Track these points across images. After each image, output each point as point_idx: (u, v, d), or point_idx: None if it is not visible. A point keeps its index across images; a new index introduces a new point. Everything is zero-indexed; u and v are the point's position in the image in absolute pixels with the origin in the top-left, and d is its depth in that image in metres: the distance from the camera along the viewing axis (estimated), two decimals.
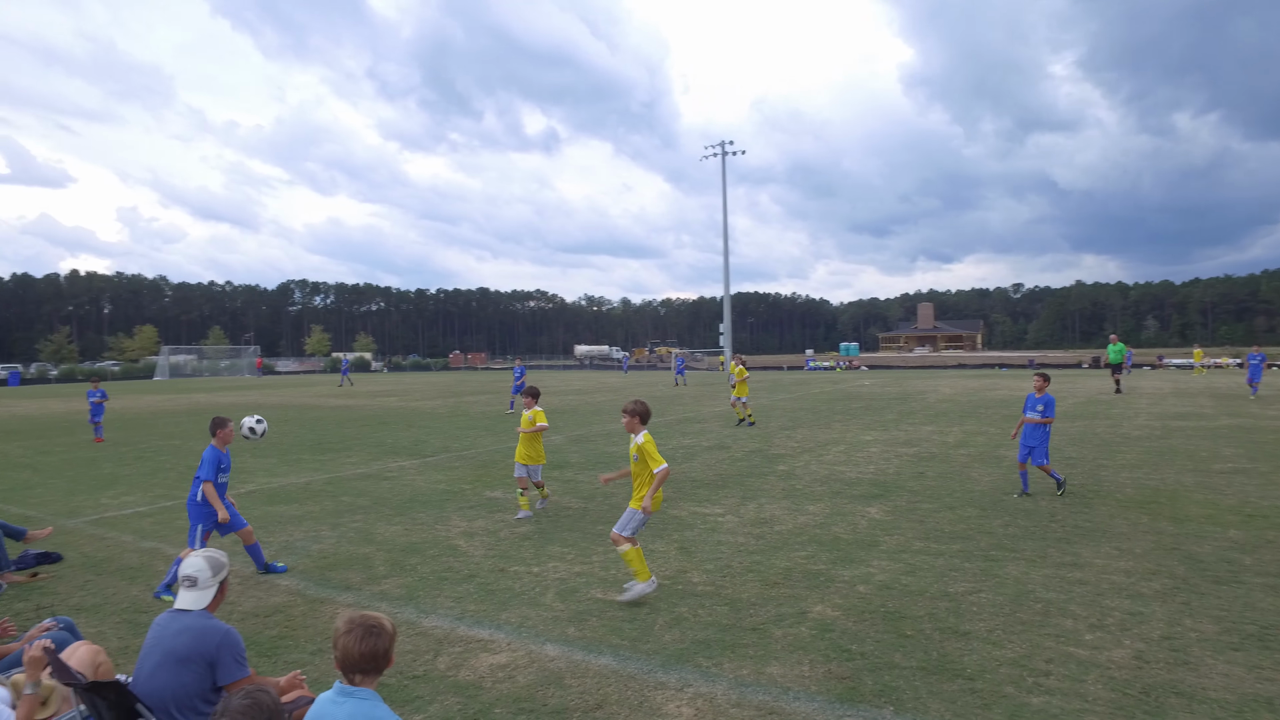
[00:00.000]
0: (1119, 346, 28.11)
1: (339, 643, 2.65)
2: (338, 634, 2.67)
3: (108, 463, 15.36)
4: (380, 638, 2.65)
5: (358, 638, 2.62)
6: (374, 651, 2.64)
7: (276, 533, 8.95)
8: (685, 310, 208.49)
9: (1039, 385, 10.38)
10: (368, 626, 2.65)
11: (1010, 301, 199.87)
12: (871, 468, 12.58)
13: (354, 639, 2.62)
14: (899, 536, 8.17)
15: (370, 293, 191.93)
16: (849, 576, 6.84)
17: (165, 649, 3.24)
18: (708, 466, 13.01)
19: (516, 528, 8.91)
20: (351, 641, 2.62)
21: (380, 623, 2.69)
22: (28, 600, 6.78)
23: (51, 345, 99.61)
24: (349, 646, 2.62)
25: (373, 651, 2.63)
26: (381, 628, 2.67)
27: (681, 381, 43.22)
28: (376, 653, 2.64)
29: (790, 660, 5.07)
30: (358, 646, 2.62)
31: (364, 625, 2.65)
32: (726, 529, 8.68)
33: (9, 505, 11.05)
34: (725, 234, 72.33)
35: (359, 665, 2.64)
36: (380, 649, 2.65)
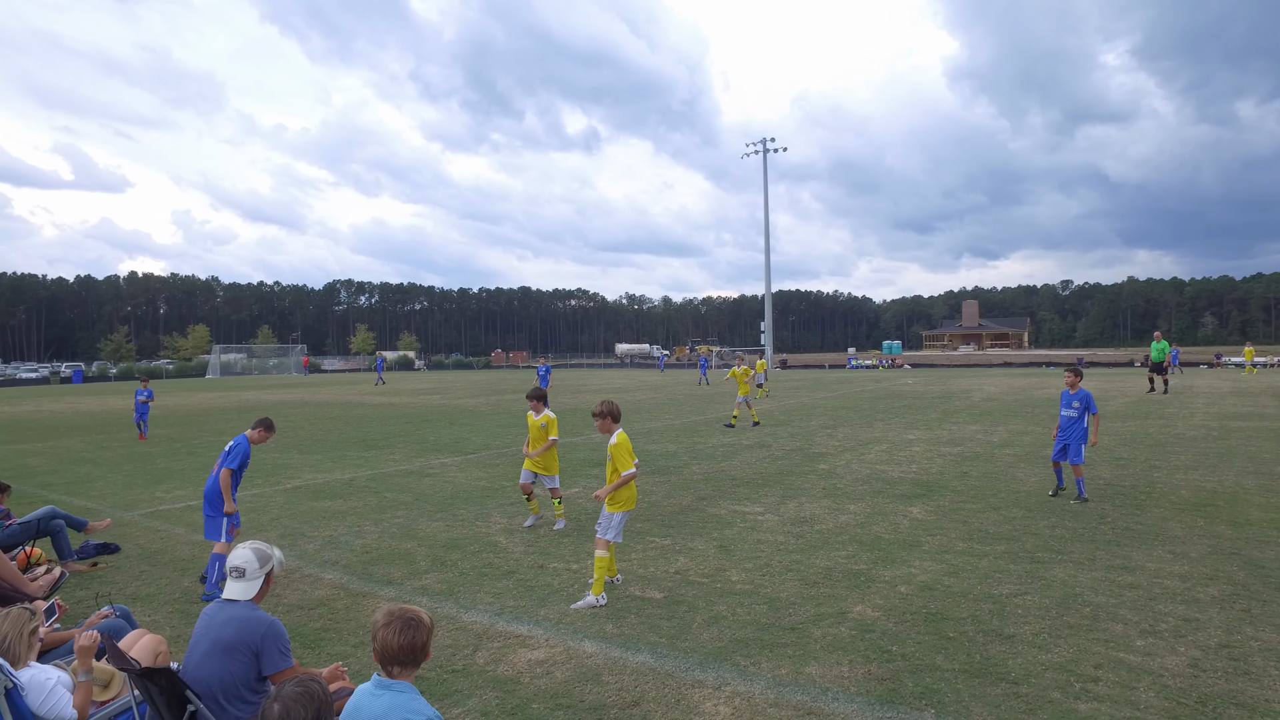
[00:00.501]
0: (1162, 344, 26.41)
1: (377, 635, 2.69)
2: (376, 627, 2.71)
3: (161, 458, 15.83)
4: (418, 631, 2.69)
5: (396, 630, 2.66)
6: (411, 645, 2.67)
7: (320, 527, 9.13)
8: (726, 308, 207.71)
9: (1071, 381, 10.10)
10: (405, 620, 2.69)
11: (1058, 299, 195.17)
12: (914, 467, 12.39)
13: (392, 632, 2.66)
14: (942, 537, 8.03)
15: (414, 292, 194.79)
16: (890, 577, 6.74)
17: (213, 638, 3.32)
18: (747, 465, 12.94)
19: (555, 525, 8.96)
20: (390, 634, 2.66)
21: (418, 616, 2.72)
22: (88, 588, 7.02)
23: (111, 344, 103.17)
24: (387, 639, 2.66)
25: (410, 644, 2.67)
26: (419, 621, 2.71)
27: (704, 381, 42.11)
28: (414, 646, 2.68)
29: (829, 660, 5.01)
30: (396, 639, 2.65)
31: (402, 618, 2.69)
32: (766, 528, 8.62)
33: (71, 497, 11.46)
34: (766, 232, 71.78)
35: (396, 658, 2.68)
36: (417, 642, 2.69)
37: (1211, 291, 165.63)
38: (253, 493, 11.56)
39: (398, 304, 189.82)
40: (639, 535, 8.37)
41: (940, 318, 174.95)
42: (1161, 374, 26.14)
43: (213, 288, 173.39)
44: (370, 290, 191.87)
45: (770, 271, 72.80)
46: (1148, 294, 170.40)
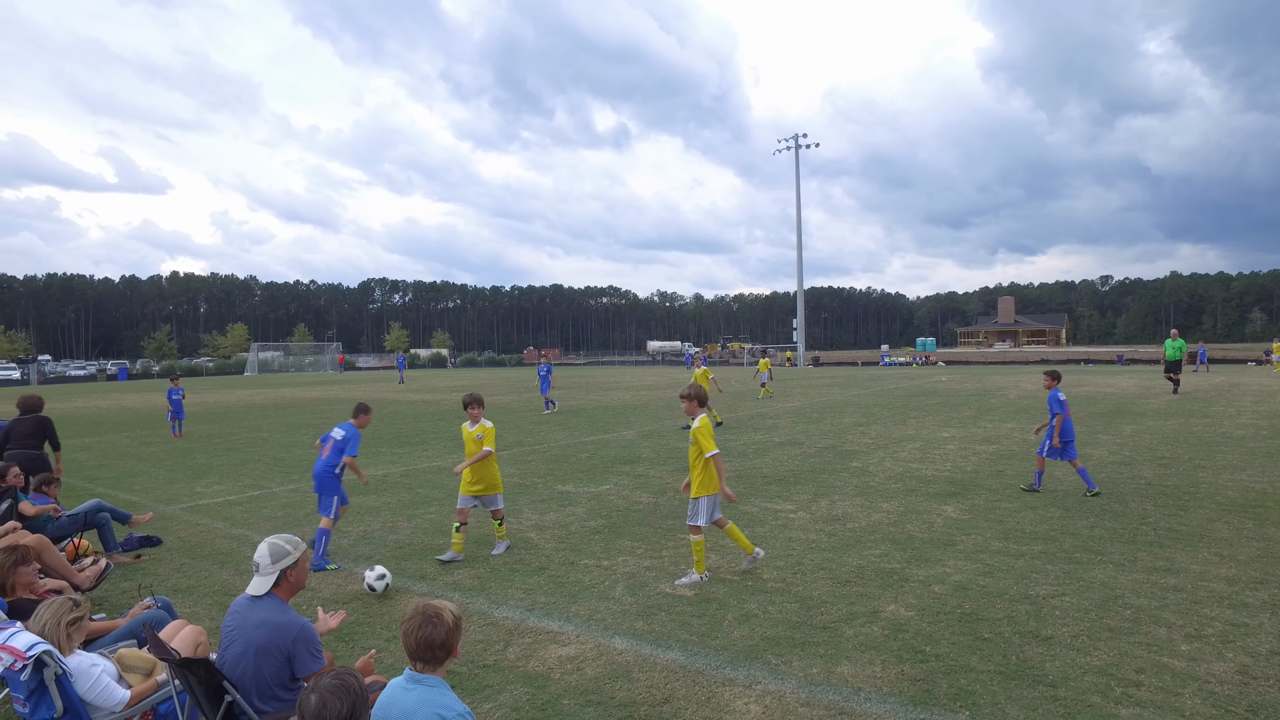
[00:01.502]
0: (1179, 343, 24.98)
1: (403, 629, 2.73)
2: (403, 622, 2.75)
3: (201, 454, 16.17)
4: (437, 627, 2.70)
5: (416, 625, 2.69)
6: (430, 640, 2.68)
7: (355, 523, 9.26)
8: (758, 305, 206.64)
9: (1047, 384, 10.49)
10: (426, 615, 2.71)
11: (1097, 294, 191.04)
12: (948, 465, 12.23)
13: (413, 626, 2.69)
14: (977, 536, 7.91)
15: (447, 290, 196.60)
16: (924, 576, 6.66)
17: (245, 639, 3.37)
18: (779, 463, 12.86)
19: (587, 522, 8.99)
20: (411, 628, 2.69)
21: (440, 612, 2.73)
22: (131, 580, 7.19)
23: (154, 343, 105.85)
24: (408, 633, 2.69)
25: (429, 640, 2.68)
26: (440, 618, 2.72)
27: None
28: (433, 642, 2.69)
29: (861, 660, 4.96)
30: (415, 634, 2.68)
31: (423, 614, 2.71)
32: (798, 526, 8.57)
33: (117, 491, 11.76)
34: (799, 228, 71.33)
35: (417, 653, 2.70)
36: (436, 638, 2.69)
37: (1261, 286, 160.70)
38: (290, 488, 11.77)
39: (430, 302, 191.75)
40: (670, 533, 8.36)
41: (975, 314, 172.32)
42: (1175, 373, 24.83)
43: (251, 287, 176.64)
44: (404, 289, 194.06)
45: (802, 268, 72.33)
46: (1192, 289, 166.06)
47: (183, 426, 20.11)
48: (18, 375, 70.13)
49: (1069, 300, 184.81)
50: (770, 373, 29.03)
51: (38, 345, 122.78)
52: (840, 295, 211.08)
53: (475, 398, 8.02)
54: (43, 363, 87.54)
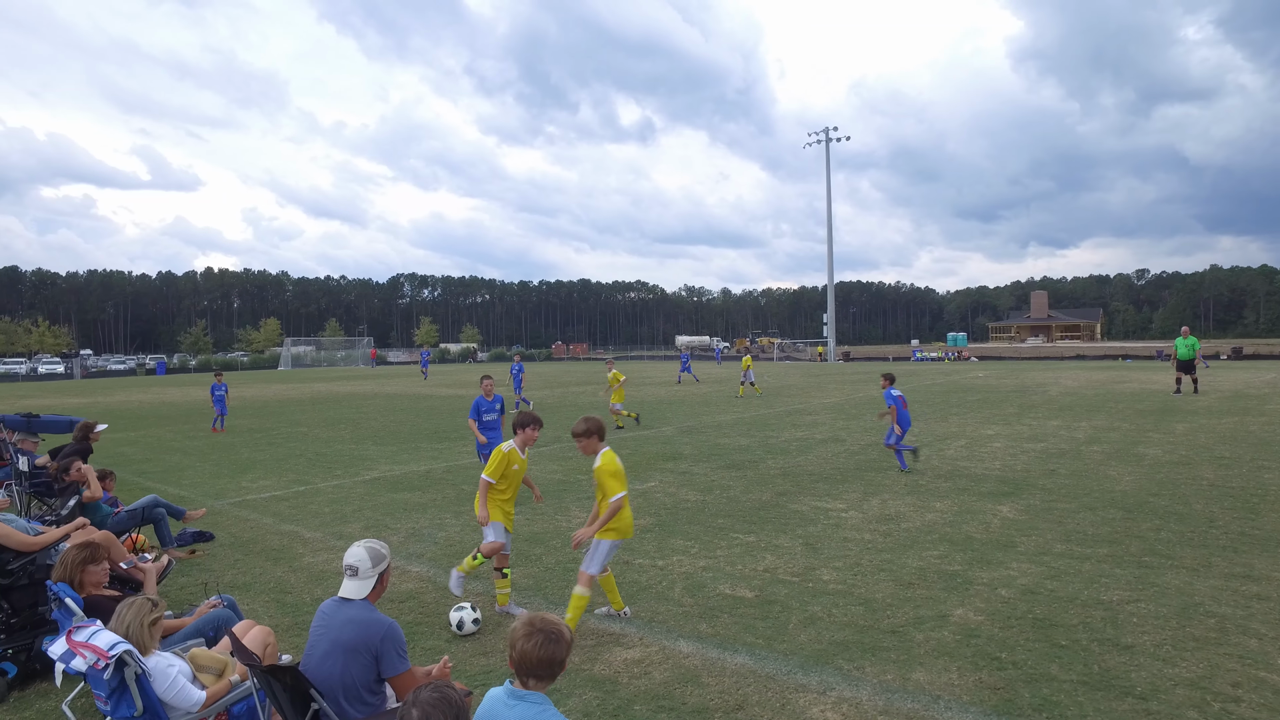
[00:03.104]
0: (1190, 341, 23.56)
1: (516, 645, 2.63)
2: (515, 636, 2.65)
3: (244, 448, 16.35)
4: (558, 645, 2.62)
5: (538, 644, 2.60)
6: (552, 658, 2.61)
7: (402, 519, 9.27)
8: (786, 300, 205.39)
9: (883, 384, 12.21)
10: (548, 633, 2.62)
11: (1133, 288, 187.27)
12: (997, 463, 11.99)
13: (534, 645, 2.60)
14: (1037, 538, 7.72)
15: (475, 285, 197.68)
16: (988, 579, 6.50)
17: (333, 638, 3.33)
18: (824, 460, 12.70)
19: (637, 520, 8.80)
20: (531, 647, 2.60)
21: (559, 630, 2.66)
22: (189, 576, 7.25)
23: (190, 337, 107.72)
24: (528, 651, 2.60)
25: (551, 658, 2.60)
26: (560, 635, 2.65)
27: (689, 379, 37.80)
28: (554, 660, 2.61)
29: (936, 666, 4.83)
30: (537, 652, 2.59)
31: (544, 631, 2.62)
32: (851, 525, 8.42)
33: (166, 485, 11.90)
34: (830, 222, 70.74)
35: (535, 670, 2.62)
36: (558, 656, 2.62)
37: None
38: (333, 483, 11.84)
39: (459, 297, 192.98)
40: (721, 532, 8.27)
41: (1006, 309, 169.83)
42: (1190, 373, 23.72)
43: (283, 282, 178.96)
44: (433, 284, 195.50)
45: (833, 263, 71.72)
46: (1233, 283, 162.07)
47: (224, 422, 20.34)
48: (62, 370, 71.72)
49: (1103, 294, 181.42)
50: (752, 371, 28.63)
51: (79, 340, 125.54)
52: (868, 290, 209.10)
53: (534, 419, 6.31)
54: (85, 357, 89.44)
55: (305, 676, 3.14)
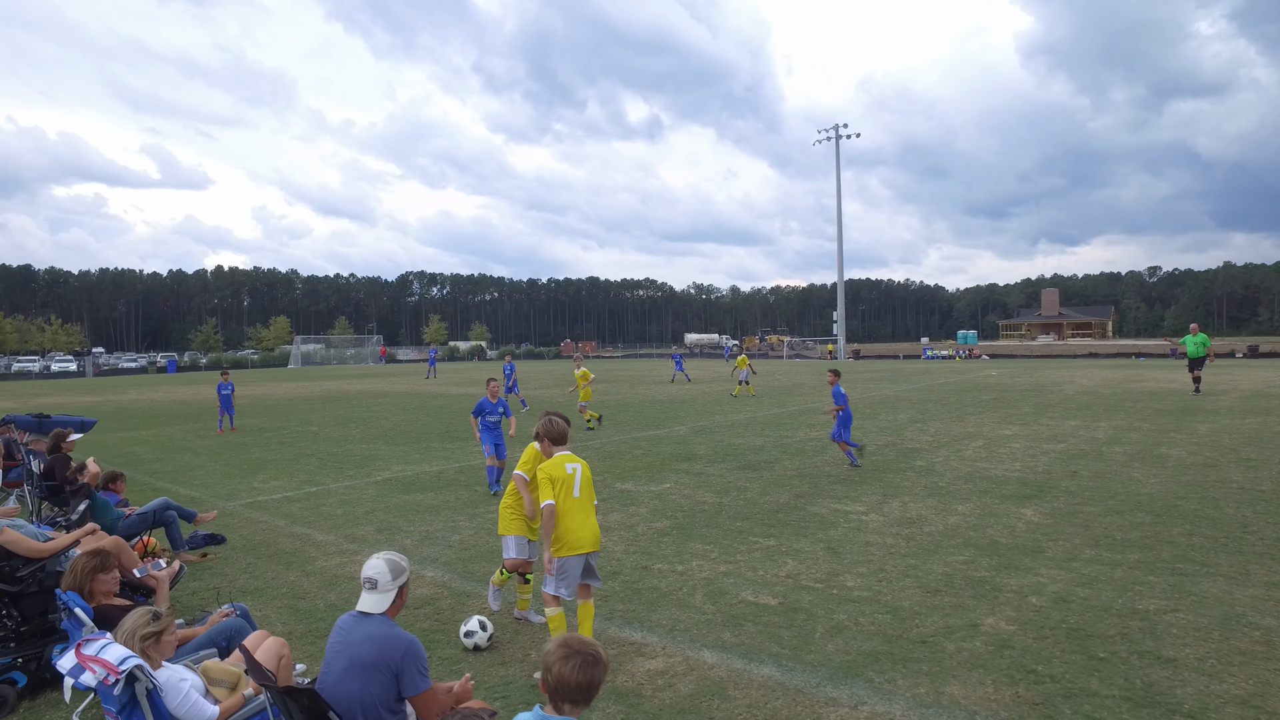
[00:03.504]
0: (1200, 338, 22.74)
1: (553, 669, 2.47)
2: (551, 659, 2.49)
3: (255, 448, 16.27)
4: (597, 668, 2.47)
5: (575, 667, 2.44)
6: (590, 682, 2.45)
7: (415, 522, 9.14)
8: (794, 298, 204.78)
9: (830, 380, 12.51)
10: (586, 655, 2.46)
11: (1145, 286, 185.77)
12: (1017, 465, 11.79)
13: (571, 668, 2.44)
14: (1064, 543, 7.53)
15: (484, 283, 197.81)
16: (1017, 586, 6.32)
17: (351, 655, 3.19)
18: (840, 461, 12.51)
19: (653, 523, 8.76)
20: (568, 671, 2.44)
21: (598, 652, 2.50)
22: (200, 580, 7.14)
23: (201, 335, 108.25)
24: (564, 675, 2.44)
25: (589, 682, 2.45)
26: (598, 658, 2.49)
27: (682, 377, 37.08)
28: (592, 684, 2.46)
29: (970, 679, 4.67)
30: (575, 676, 2.43)
31: (582, 654, 2.46)
32: (872, 529, 8.25)
33: (177, 486, 11.82)
34: (839, 220, 70.42)
35: (571, 695, 2.46)
36: (596, 680, 2.47)
37: None
38: (345, 484, 11.74)
39: (468, 295, 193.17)
40: (740, 535, 8.11)
41: (1017, 306, 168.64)
42: (1198, 370, 22.88)
43: (292, 280, 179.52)
44: (442, 281, 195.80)
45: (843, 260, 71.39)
46: (1246, 280, 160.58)
47: (234, 420, 20.15)
48: (74, 368, 72.07)
49: (1114, 292, 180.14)
50: (751, 368, 28.19)
51: (91, 338, 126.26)
52: (877, 287, 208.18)
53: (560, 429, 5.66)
54: (97, 355, 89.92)
55: (323, 698, 3.00)
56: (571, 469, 5.09)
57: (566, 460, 5.14)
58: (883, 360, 65.75)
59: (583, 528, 4.99)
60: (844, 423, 12.15)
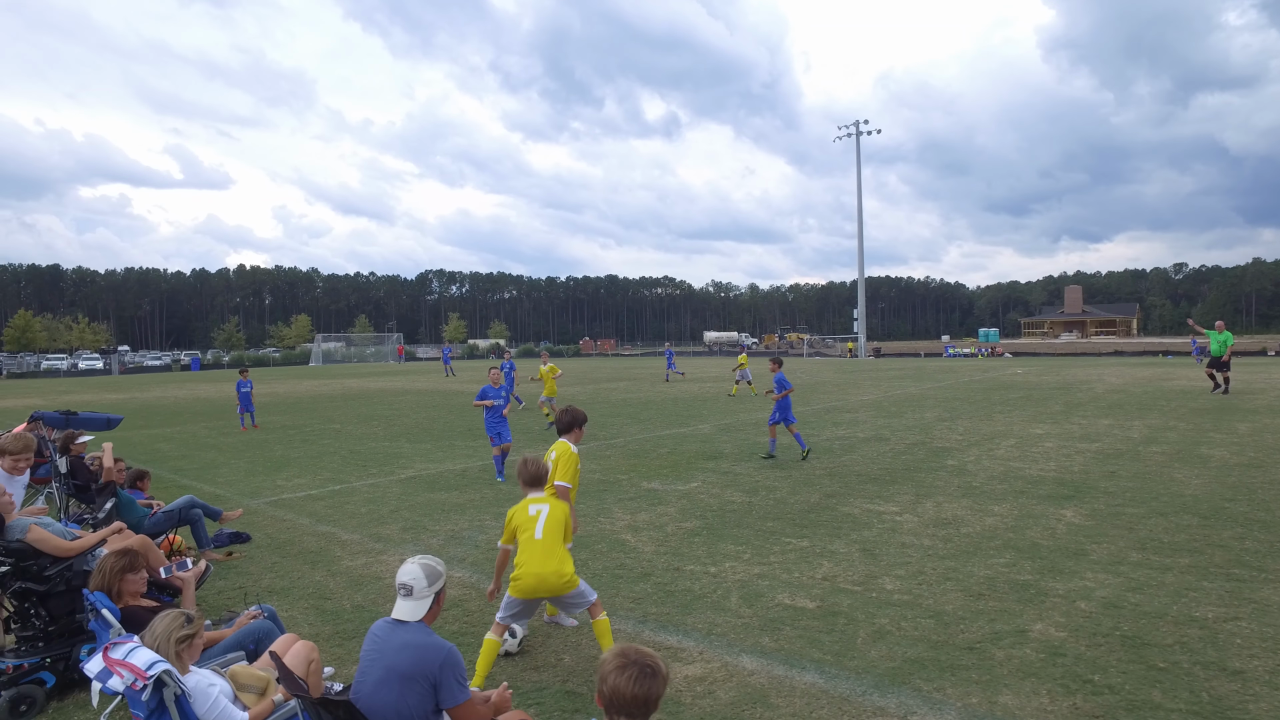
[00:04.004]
0: (1224, 336, 21.73)
1: (608, 681, 2.31)
2: (606, 669, 2.33)
3: (278, 445, 16.27)
4: (655, 680, 2.30)
5: (631, 678, 2.27)
6: (648, 696, 2.28)
7: (441, 521, 9.04)
8: (814, 295, 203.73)
9: (773, 368, 13.25)
10: (643, 666, 2.30)
11: (1170, 283, 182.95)
12: (1052, 464, 11.50)
13: (627, 680, 2.27)
14: (1108, 546, 7.28)
15: (503, 281, 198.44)
16: (1064, 590, 6.10)
17: (387, 664, 3.05)
18: (869, 460, 12.29)
19: (682, 523, 8.60)
20: (624, 682, 2.27)
21: (656, 664, 2.33)
22: (226, 579, 7.06)
23: (223, 334, 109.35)
24: (620, 687, 2.27)
25: (646, 696, 2.28)
26: (657, 669, 2.32)
27: (675, 375, 36.77)
28: (650, 697, 2.29)
29: (1023, 689, 4.46)
30: (631, 688, 2.27)
31: (639, 665, 2.30)
32: (907, 530, 8.04)
33: (201, 484, 11.80)
34: (860, 217, 69.82)
35: (627, 708, 2.30)
36: (654, 693, 2.30)
37: None
38: (368, 482, 11.67)
39: (487, 293, 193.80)
40: (772, 536, 7.93)
41: (1039, 304, 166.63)
42: (1223, 370, 21.89)
43: (313, 279, 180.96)
44: (461, 280, 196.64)
45: (864, 257, 70.79)
46: (1276, 276, 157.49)
47: (254, 418, 20.13)
48: (101, 366, 72.99)
49: (1139, 289, 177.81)
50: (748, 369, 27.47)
51: (117, 336, 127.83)
52: (897, 285, 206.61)
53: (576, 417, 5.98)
54: (122, 353, 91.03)
55: (359, 709, 2.86)
56: (535, 510, 4.90)
57: (531, 503, 4.97)
58: (904, 358, 65.09)
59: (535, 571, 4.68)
60: (784, 408, 12.76)
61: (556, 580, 4.70)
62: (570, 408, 5.99)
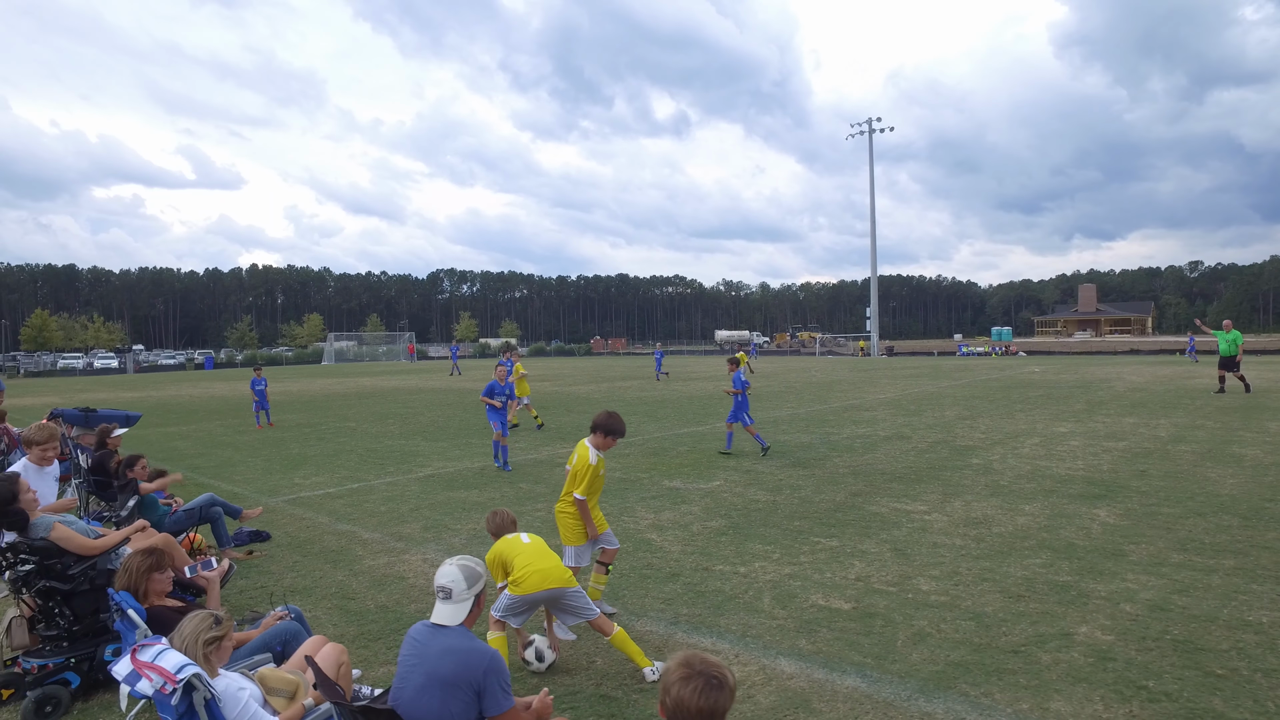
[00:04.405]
0: (1233, 335, 21.08)
1: (671, 691, 2.15)
2: (670, 679, 2.18)
3: (294, 443, 16.22)
4: (722, 692, 2.13)
5: (696, 690, 2.11)
6: (714, 709, 2.11)
7: (463, 520, 8.92)
8: (825, 294, 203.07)
9: (730, 368, 13.58)
10: (709, 677, 2.13)
11: (1185, 281, 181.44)
12: (1079, 463, 11.29)
13: (691, 691, 2.11)
14: (1147, 546, 7.09)
15: (514, 280, 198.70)
16: (1105, 592, 5.92)
17: (428, 670, 2.92)
18: (892, 458, 12.11)
19: (708, 521, 8.45)
20: (689, 694, 2.11)
21: (724, 674, 2.17)
22: (248, 579, 6.96)
23: (236, 333, 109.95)
24: (684, 699, 2.11)
25: (712, 708, 2.11)
26: (724, 681, 2.15)
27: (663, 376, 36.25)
28: (716, 710, 2.12)
29: (1075, 695, 4.30)
30: (695, 700, 2.10)
31: (705, 675, 2.13)
32: (937, 529, 7.87)
33: (219, 482, 11.74)
34: (873, 215, 69.44)
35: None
36: (721, 706, 2.13)
37: None
38: (387, 480, 11.58)
39: (498, 292, 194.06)
40: (800, 535, 7.77)
41: (1052, 302, 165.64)
42: (1234, 370, 21.31)
43: (324, 278, 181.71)
44: (472, 279, 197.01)
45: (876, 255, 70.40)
46: None
47: (270, 415, 20.03)
48: (116, 364, 73.46)
49: (1153, 287, 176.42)
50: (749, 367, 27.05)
51: (131, 335, 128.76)
52: (909, 283, 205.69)
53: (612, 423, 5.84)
54: (137, 352, 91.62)
55: (402, 717, 2.73)
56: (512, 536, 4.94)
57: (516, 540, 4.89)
58: (917, 357, 64.71)
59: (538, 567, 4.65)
60: (742, 407, 13.09)
61: (559, 574, 4.67)
62: (614, 414, 5.81)
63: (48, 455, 6.00)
